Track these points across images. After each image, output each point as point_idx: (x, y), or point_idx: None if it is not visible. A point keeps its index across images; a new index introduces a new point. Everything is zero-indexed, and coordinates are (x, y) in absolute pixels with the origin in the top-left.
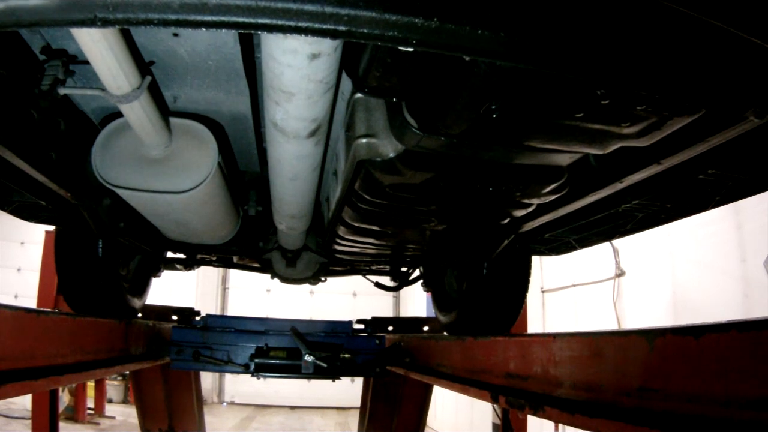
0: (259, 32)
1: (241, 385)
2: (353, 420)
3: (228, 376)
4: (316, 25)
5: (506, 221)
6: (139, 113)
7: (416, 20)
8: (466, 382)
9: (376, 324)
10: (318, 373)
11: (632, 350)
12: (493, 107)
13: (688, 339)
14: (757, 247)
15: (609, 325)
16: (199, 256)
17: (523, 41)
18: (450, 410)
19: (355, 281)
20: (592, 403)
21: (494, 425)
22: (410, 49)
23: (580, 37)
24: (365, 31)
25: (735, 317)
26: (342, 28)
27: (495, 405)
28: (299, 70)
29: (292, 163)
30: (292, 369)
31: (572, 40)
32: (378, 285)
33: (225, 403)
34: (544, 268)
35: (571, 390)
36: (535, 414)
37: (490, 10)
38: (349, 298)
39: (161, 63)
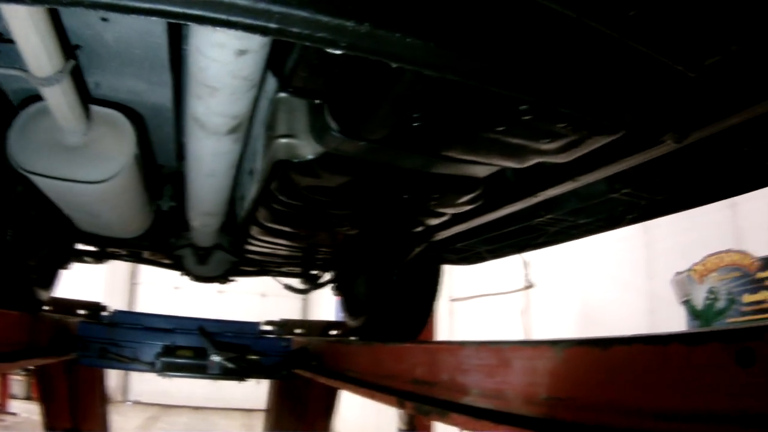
0: (190, 23)
1: (146, 384)
2: (259, 422)
3: (134, 374)
4: (248, 21)
5: (419, 229)
6: (59, 98)
7: (348, 23)
8: (373, 387)
9: (284, 326)
10: (224, 374)
11: (541, 360)
12: (416, 116)
13: (596, 351)
14: (664, 266)
15: (517, 335)
16: (109, 249)
17: (452, 53)
18: (356, 415)
19: (265, 282)
20: (499, 410)
21: (401, 431)
22: (339, 52)
23: (507, 54)
24: (296, 30)
25: (641, 331)
26: (273, 25)
27: (402, 410)
28: (225, 66)
29: (210, 160)
30: (198, 369)
31: (499, 57)
32: (288, 287)
33: (130, 402)
34: (453, 277)
35: (479, 397)
36: (441, 420)
37: (422, 19)
38: (258, 299)
39: (87, 47)
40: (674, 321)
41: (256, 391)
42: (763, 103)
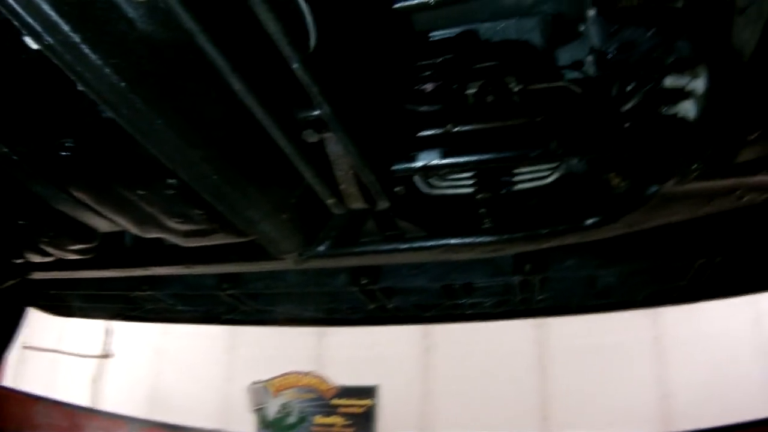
0: None
1: None
2: None
3: None
4: None
5: (18, 261)
6: None
7: (63, 25)
8: None
9: None
10: None
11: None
12: (68, 144)
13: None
14: (244, 372)
15: (85, 401)
16: None
17: (138, 101)
18: None
19: None
20: None
21: None
22: (36, 47)
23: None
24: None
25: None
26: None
27: None
28: None
29: None
30: None
31: (178, 127)
32: None
33: None
34: (30, 324)
35: None
36: None
37: (131, 57)
38: None
39: None
40: (245, 426)
41: None
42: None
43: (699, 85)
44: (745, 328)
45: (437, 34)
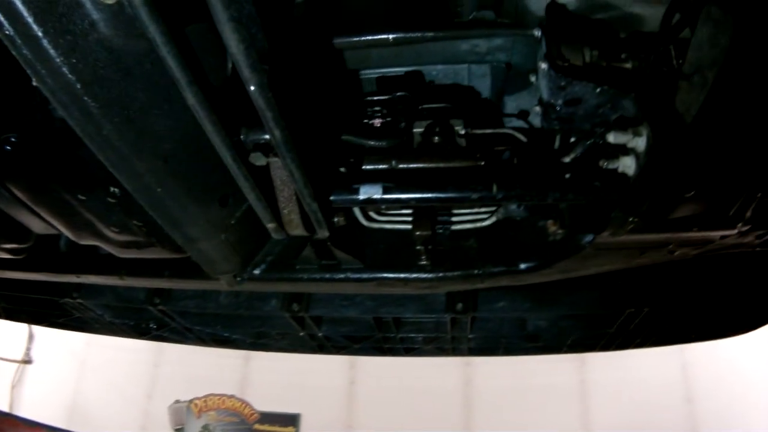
0: None
1: None
2: None
3: None
4: None
5: None
6: None
7: (28, 17)
8: None
9: None
10: None
11: None
12: (12, 139)
13: None
14: (167, 390)
15: (5, 406)
16: None
17: (86, 100)
18: None
19: None
20: None
21: None
22: None
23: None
24: None
25: None
26: None
27: None
28: None
29: None
30: None
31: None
32: None
33: None
34: None
35: None
36: None
37: (87, 57)
38: None
39: None
40: None
41: None
42: None
43: (640, 143)
44: (672, 376)
45: (389, 72)
